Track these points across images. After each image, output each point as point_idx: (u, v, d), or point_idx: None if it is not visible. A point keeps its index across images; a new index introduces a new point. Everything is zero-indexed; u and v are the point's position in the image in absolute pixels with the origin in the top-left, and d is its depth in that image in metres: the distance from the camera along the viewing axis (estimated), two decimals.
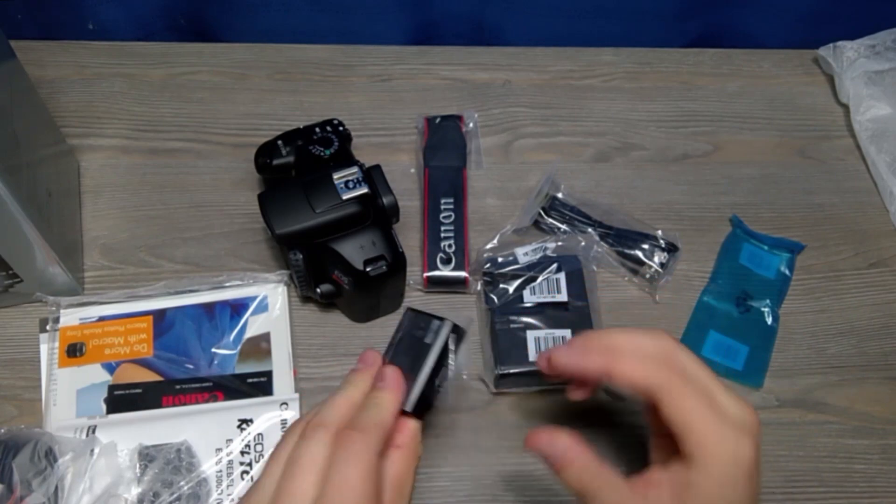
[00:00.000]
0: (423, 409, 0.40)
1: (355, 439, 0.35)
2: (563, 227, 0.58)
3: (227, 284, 0.54)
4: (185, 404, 0.50)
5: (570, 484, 0.38)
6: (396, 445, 0.38)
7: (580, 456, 0.38)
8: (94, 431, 0.47)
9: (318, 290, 0.51)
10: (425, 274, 0.55)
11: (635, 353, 0.39)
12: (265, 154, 0.54)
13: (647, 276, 0.57)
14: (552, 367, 0.41)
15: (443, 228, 0.57)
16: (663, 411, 0.37)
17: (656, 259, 0.57)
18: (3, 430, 0.46)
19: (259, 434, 0.49)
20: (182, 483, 0.46)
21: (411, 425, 0.40)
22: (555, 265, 0.54)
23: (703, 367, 0.39)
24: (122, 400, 0.50)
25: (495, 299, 0.54)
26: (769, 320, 0.56)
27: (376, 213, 0.50)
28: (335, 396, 0.39)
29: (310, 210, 0.48)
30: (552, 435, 0.39)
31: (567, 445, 0.39)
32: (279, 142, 0.54)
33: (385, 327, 0.55)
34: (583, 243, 0.56)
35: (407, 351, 0.41)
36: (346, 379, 0.41)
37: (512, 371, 0.51)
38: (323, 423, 0.37)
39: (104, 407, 0.50)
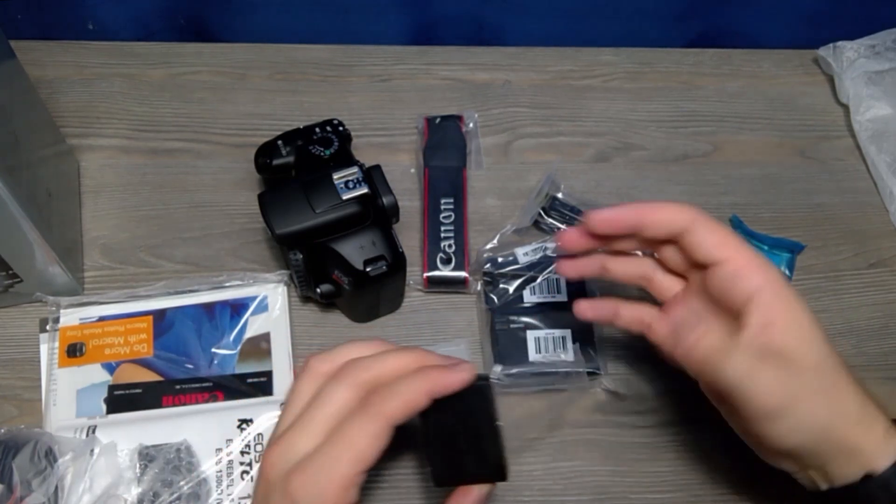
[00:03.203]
0: (451, 475, 0.38)
1: (374, 402, 0.35)
2: (563, 227, 0.58)
3: (227, 284, 0.54)
4: (185, 404, 0.50)
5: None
6: None
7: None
8: (94, 431, 0.47)
9: (318, 290, 0.51)
10: (425, 274, 0.55)
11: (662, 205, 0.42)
12: (265, 154, 0.54)
13: None
14: (589, 227, 0.43)
15: (443, 228, 0.57)
16: (694, 240, 0.40)
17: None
18: (3, 430, 0.46)
19: (259, 434, 0.49)
20: (182, 483, 0.46)
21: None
22: (555, 265, 0.55)
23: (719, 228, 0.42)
24: (122, 400, 0.50)
25: (495, 299, 0.54)
26: None
27: (376, 213, 0.50)
28: (387, 354, 0.38)
29: (310, 210, 0.48)
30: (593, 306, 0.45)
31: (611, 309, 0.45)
32: (279, 142, 0.54)
33: (385, 327, 0.55)
34: None
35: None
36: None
37: (512, 371, 0.51)
38: (358, 372, 0.37)
39: (104, 407, 0.50)
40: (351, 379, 0.37)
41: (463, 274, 0.55)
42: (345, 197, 0.49)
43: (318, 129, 0.55)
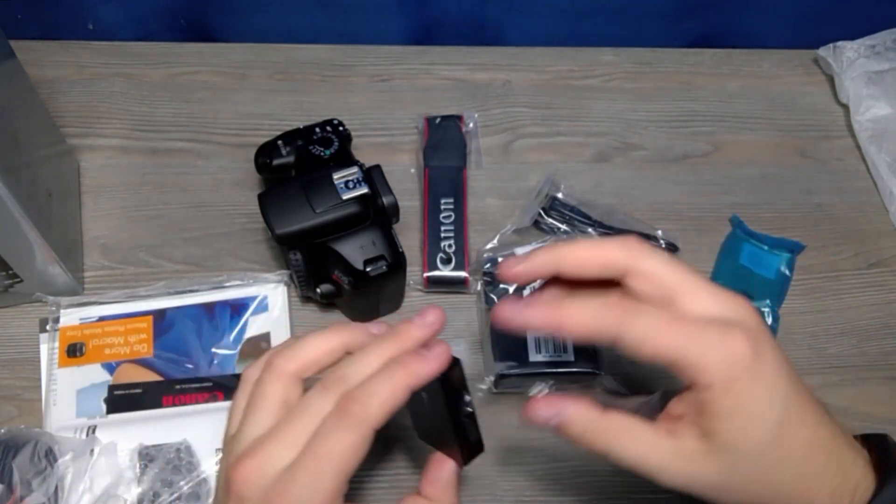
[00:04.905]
0: (428, 438, 0.38)
1: (353, 409, 0.33)
2: (563, 227, 0.58)
3: (227, 284, 0.54)
4: (185, 404, 0.50)
5: (580, 444, 0.36)
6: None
7: (577, 413, 0.36)
8: (94, 431, 0.47)
9: (318, 290, 0.51)
10: (425, 274, 0.55)
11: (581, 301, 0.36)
12: (265, 154, 0.54)
13: None
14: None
15: (443, 228, 0.57)
16: (630, 352, 0.33)
17: None
18: (3, 430, 0.46)
19: None
20: (182, 483, 0.46)
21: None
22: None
23: (667, 263, 0.34)
24: (122, 400, 0.50)
25: (495, 299, 0.54)
26: (769, 320, 0.56)
27: (376, 213, 0.50)
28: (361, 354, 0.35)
29: (310, 210, 0.48)
30: (542, 402, 0.36)
31: (560, 407, 0.36)
32: (279, 142, 0.54)
33: None
34: None
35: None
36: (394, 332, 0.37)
37: (512, 371, 0.51)
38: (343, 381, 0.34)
39: (104, 407, 0.50)
40: (335, 387, 0.34)
41: (463, 274, 0.55)
42: (345, 197, 0.49)
43: (318, 129, 0.55)
